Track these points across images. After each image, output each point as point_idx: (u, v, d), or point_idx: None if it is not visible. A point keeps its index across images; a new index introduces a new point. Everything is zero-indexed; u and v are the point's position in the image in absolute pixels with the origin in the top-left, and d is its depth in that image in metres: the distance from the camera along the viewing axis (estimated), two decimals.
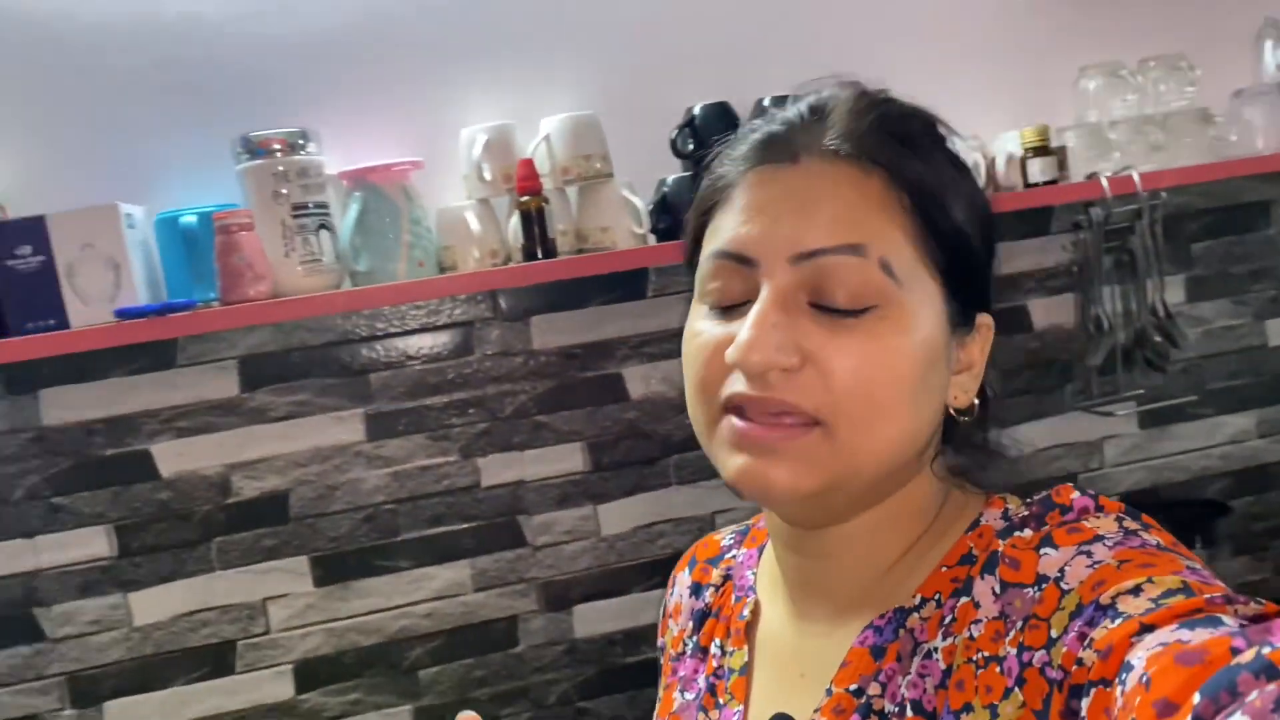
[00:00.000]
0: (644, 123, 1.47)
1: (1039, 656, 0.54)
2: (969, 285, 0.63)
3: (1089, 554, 0.55)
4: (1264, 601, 0.49)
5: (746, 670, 0.71)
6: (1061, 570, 0.55)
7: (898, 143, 0.61)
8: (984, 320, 0.65)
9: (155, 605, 1.41)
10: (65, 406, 1.38)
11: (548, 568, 1.52)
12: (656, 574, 1.54)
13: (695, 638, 0.77)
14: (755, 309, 0.58)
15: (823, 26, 1.56)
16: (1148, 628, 0.48)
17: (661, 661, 0.82)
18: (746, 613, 0.73)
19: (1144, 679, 0.45)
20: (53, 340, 1.22)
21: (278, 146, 1.30)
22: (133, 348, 1.37)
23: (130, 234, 1.28)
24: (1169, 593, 0.50)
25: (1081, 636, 0.52)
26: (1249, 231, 1.72)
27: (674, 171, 1.44)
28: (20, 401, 1.37)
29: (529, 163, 1.36)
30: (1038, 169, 1.48)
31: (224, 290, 1.27)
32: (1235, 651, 0.43)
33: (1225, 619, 0.47)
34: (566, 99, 1.48)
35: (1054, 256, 1.65)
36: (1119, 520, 0.58)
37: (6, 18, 1.33)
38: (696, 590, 0.79)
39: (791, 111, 0.64)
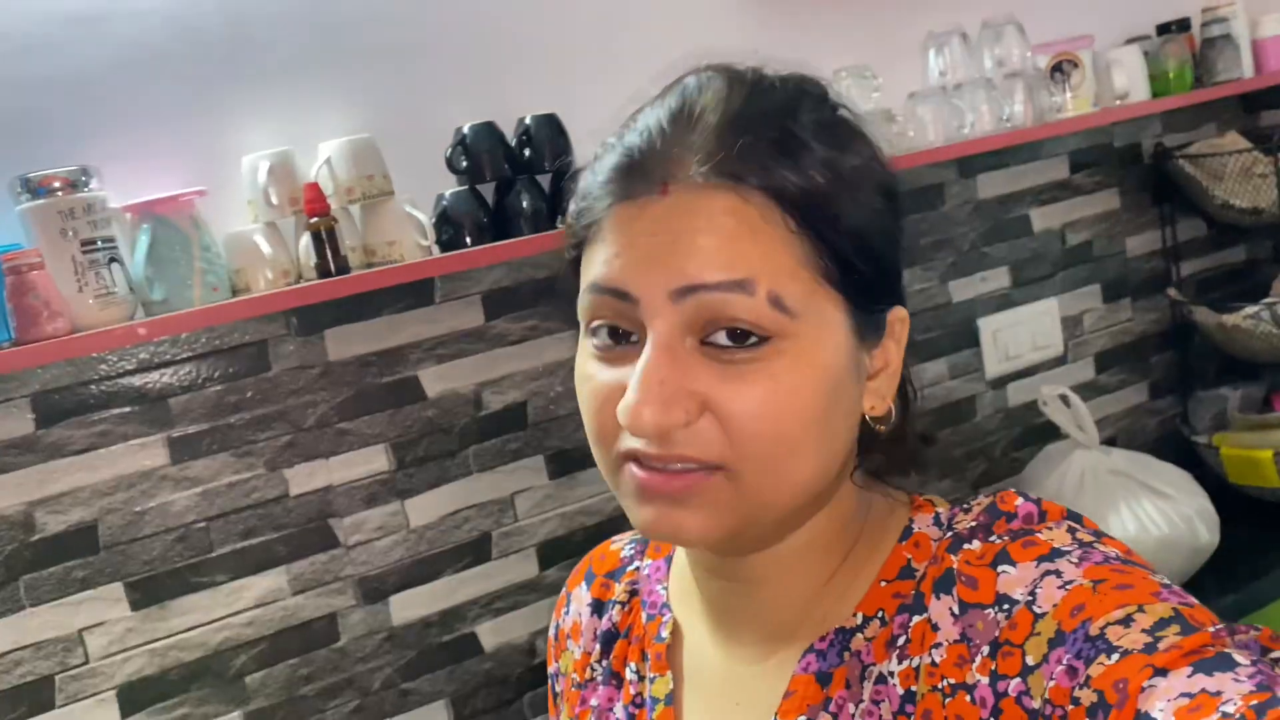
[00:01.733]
0: (419, 142, 1.59)
1: (1014, 685, 0.51)
2: (874, 289, 0.58)
3: (1057, 574, 0.53)
4: (1259, 628, 0.49)
5: (673, 699, 0.65)
6: (1032, 593, 0.53)
7: (777, 152, 0.55)
8: (896, 315, 0.60)
9: None
10: None
11: (362, 564, 1.62)
12: (466, 555, 1.67)
13: (605, 662, 0.71)
14: (640, 363, 0.54)
15: (577, 45, 1.74)
16: (1160, 671, 0.46)
17: (557, 688, 0.76)
18: (665, 634, 0.67)
19: None
20: None
21: (59, 185, 1.32)
22: None
23: None
24: (1162, 623, 0.48)
25: (1072, 671, 0.49)
26: (929, 209, 2.07)
27: (451, 186, 1.57)
28: None
29: (315, 186, 1.45)
30: None
31: (20, 330, 1.28)
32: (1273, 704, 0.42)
33: (1236, 656, 0.46)
34: (341, 122, 1.58)
35: None
36: (1070, 531, 0.56)
37: None
38: (599, 608, 0.74)
39: (652, 125, 0.57)
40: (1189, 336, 2.30)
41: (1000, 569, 0.55)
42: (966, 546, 0.57)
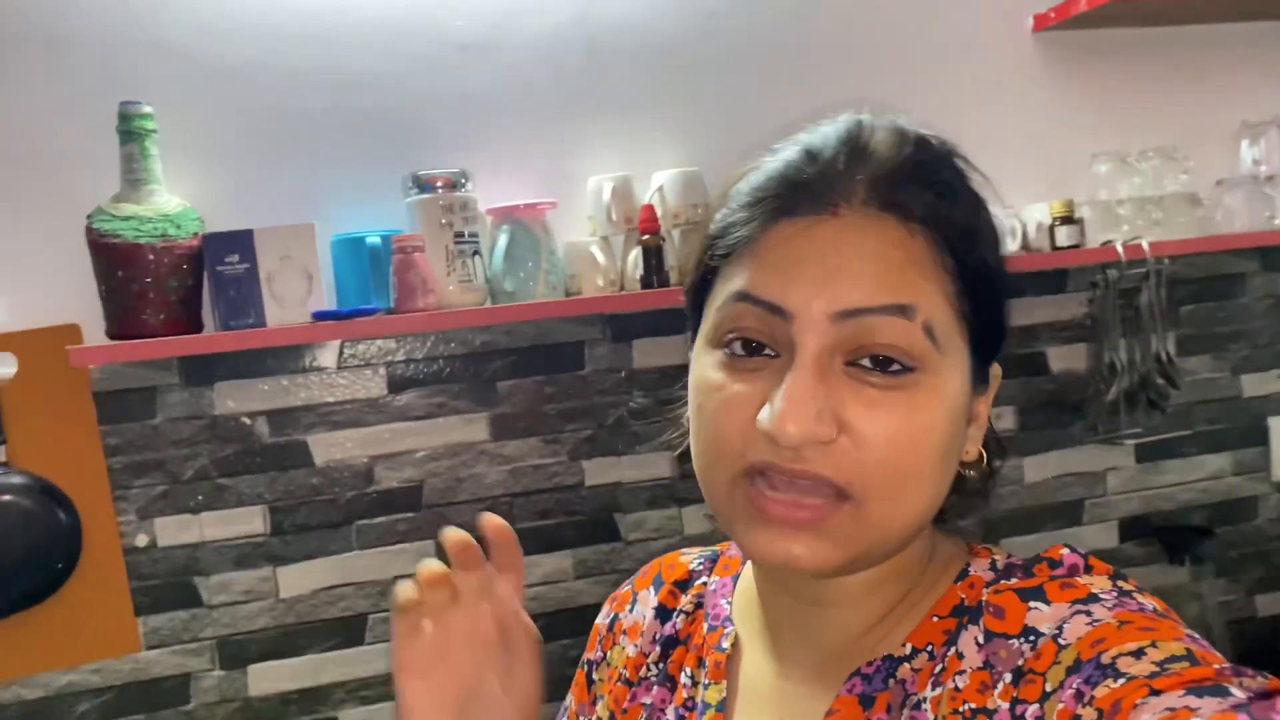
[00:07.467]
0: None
1: (1032, 710, 0.52)
2: (993, 338, 0.61)
3: (1088, 613, 0.54)
4: (1269, 676, 0.48)
5: (724, 707, 0.67)
6: (1060, 627, 0.54)
7: (938, 194, 0.57)
8: (995, 371, 0.63)
9: (300, 579, 1.59)
10: (236, 398, 1.58)
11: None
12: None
13: (663, 665, 0.73)
14: (793, 376, 0.54)
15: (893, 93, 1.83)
16: (1155, 692, 0.47)
17: (594, 675, 0.79)
18: (726, 645, 0.69)
19: None
20: (255, 336, 1.42)
21: (442, 184, 1.53)
22: (291, 349, 1.58)
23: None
24: (1174, 659, 0.49)
25: (1079, 695, 0.50)
26: (1228, 299, 2.02)
27: None
28: (198, 392, 1.56)
29: (650, 208, 1.60)
30: (1064, 235, 1.76)
31: (400, 300, 1.48)
32: None
33: (1233, 689, 0.46)
34: (671, 154, 1.74)
35: (1070, 311, 1.94)
36: (1112, 580, 0.57)
37: (217, 64, 1.55)
38: (663, 613, 0.76)
39: (822, 148, 0.59)
40: None
41: (1031, 604, 0.56)
42: (1003, 582, 0.59)
